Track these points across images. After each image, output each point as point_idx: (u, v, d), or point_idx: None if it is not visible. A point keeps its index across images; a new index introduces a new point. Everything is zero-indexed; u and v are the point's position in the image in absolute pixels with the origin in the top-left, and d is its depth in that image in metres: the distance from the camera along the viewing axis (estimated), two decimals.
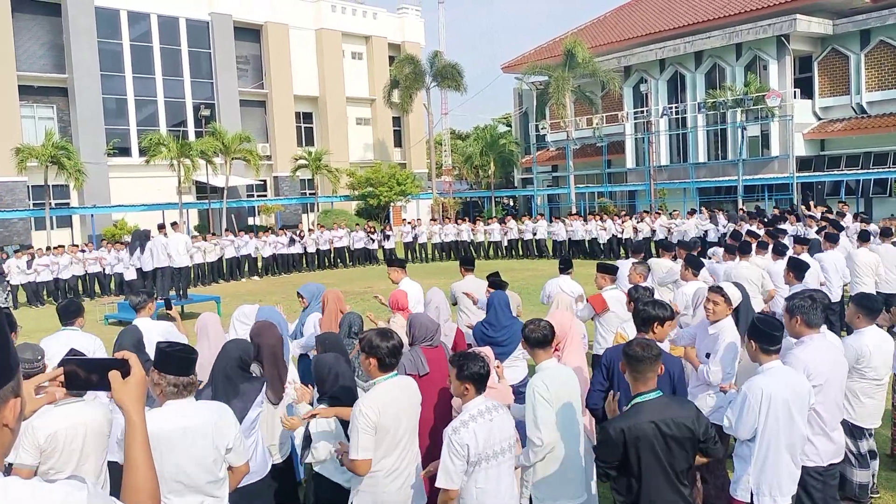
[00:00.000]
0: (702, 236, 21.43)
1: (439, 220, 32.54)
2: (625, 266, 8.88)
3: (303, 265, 25.63)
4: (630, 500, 3.76)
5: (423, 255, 27.40)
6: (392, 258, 9.33)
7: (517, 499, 4.30)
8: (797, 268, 7.71)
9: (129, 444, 1.88)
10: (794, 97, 32.02)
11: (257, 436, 4.47)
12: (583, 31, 42.11)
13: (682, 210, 27.52)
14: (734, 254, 9.71)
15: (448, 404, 5.09)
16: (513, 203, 48.26)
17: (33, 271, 20.32)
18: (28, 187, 33.58)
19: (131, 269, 19.96)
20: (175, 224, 18.28)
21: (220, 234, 26.00)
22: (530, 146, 43.03)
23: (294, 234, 25.64)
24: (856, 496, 5.43)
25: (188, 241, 18.33)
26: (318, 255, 26.11)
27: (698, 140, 35.08)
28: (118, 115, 37.33)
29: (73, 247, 22.92)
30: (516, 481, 4.31)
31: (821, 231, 13.65)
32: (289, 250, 25.01)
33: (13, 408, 1.50)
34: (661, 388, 3.84)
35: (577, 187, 37.73)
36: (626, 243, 24.21)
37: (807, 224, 16.68)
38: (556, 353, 5.59)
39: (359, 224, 30.45)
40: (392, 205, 37.98)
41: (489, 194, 42.78)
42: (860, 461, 5.41)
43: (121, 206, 33.82)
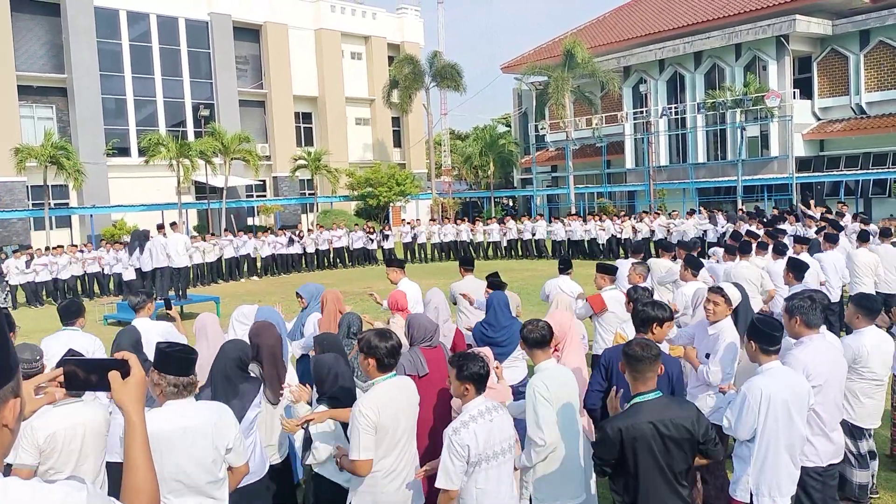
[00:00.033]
0: (701, 236, 21.47)
1: (438, 220, 32.52)
2: (624, 266, 8.89)
3: (302, 265, 25.62)
4: (628, 500, 3.76)
5: (423, 256, 27.40)
6: (391, 259, 9.31)
7: (516, 499, 4.30)
8: (796, 268, 7.71)
9: (129, 445, 1.88)
10: (794, 97, 32.02)
11: (255, 436, 4.47)
12: (582, 31, 42.10)
13: (681, 210, 27.51)
14: (734, 254, 9.71)
15: (447, 405, 5.08)
16: (512, 203, 48.25)
17: (32, 271, 20.30)
18: (27, 187, 33.58)
19: (130, 269, 19.96)
20: (174, 224, 18.27)
21: (219, 235, 25.99)
22: (530, 146, 43.02)
23: (293, 235, 25.64)
24: (855, 497, 5.43)
25: (187, 242, 18.31)
26: (317, 256, 26.12)
27: (697, 140, 35.08)
28: (117, 115, 37.33)
29: (71, 247, 22.91)
30: (515, 482, 4.30)
31: (820, 231, 13.66)
32: (288, 250, 25.01)
33: (13, 408, 1.50)
34: (660, 389, 3.83)
35: (576, 188, 37.75)
36: (625, 243, 24.25)
37: (806, 224, 16.68)
38: (555, 354, 5.59)
39: (357, 224, 30.43)
40: (391, 205, 37.98)
41: (488, 195, 42.79)
42: (860, 462, 5.41)
43: (120, 206, 33.82)
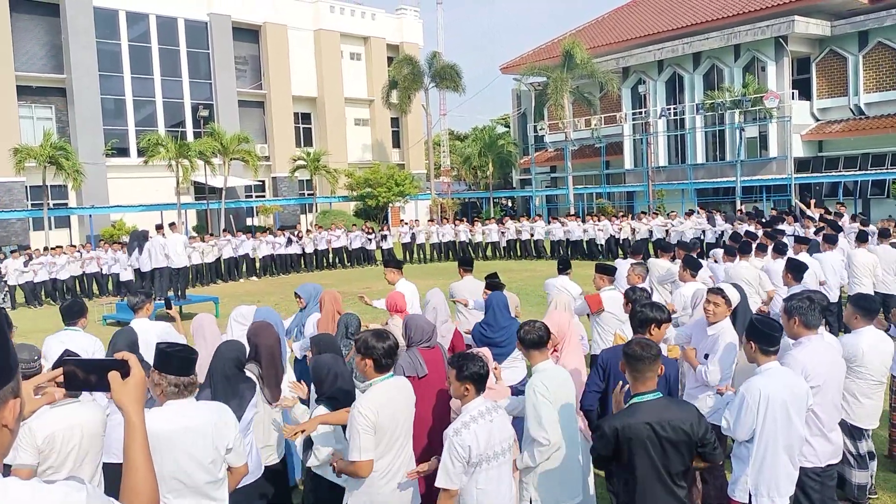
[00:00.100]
0: (699, 237, 21.47)
1: (437, 220, 32.52)
2: (623, 267, 8.91)
3: (301, 265, 25.61)
4: (625, 500, 3.76)
5: (422, 256, 27.39)
6: (388, 260, 9.27)
7: (515, 499, 4.30)
8: (795, 269, 7.71)
9: (129, 445, 1.88)
10: (792, 98, 32.04)
11: (251, 437, 4.47)
12: (581, 31, 42.09)
13: (680, 211, 27.52)
14: (733, 255, 9.73)
15: (446, 405, 5.08)
16: (511, 204, 48.25)
17: (30, 270, 20.28)
18: (26, 187, 33.56)
19: (128, 269, 19.96)
20: (173, 225, 18.26)
21: (218, 235, 25.98)
22: (529, 147, 43.03)
23: (292, 235, 25.63)
24: (854, 497, 5.43)
25: (185, 242, 18.30)
26: (315, 256, 26.11)
27: (696, 141, 35.09)
28: (116, 115, 37.30)
29: (70, 247, 22.90)
30: (515, 482, 4.30)
31: (819, 232, 13.67)
32: (287, 251, 25.01)
33: (12, 408, 1.50)
34: (657, 390, 3.83)
35: (575, 188, 37.76)
36: (623, 244, 24.26)
37: (804, 225, 16.68)
38: (554, 354, 5.59)
39: (355, 224, 30.43)
40: (390, 205, 37.98)
41: (487, 195, 42.79)
42: (859, 462, 5.42)
43: (119, 206, 33.79)
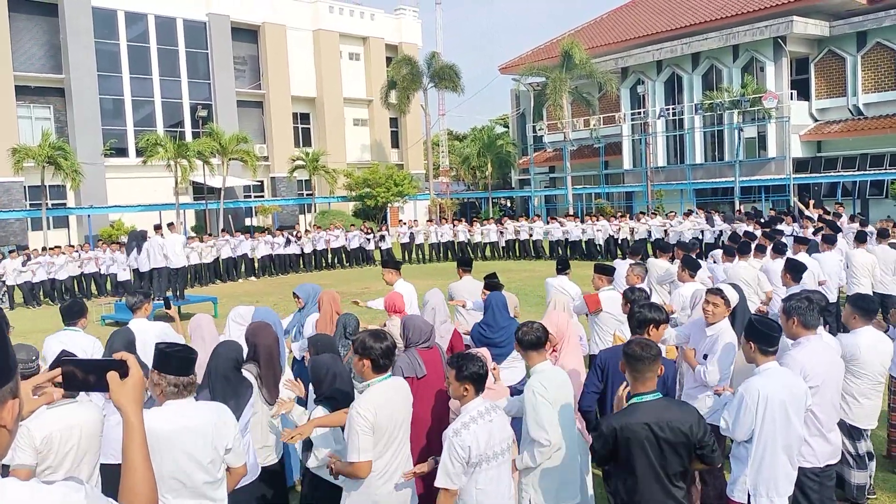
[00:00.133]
0: (698, 237, 21.48)
1: (436, 220, 32.51)
2: (622, 267, 8.91)
3: (299, 266, 25.59)
4: (623, 500, 3.77)
5: (420, 256, 27.38)
6: (386, 260, 9.24)
7: (514, 500, 4.30)
8: (794, 269, 7.71)
9: (127, 446, 1.87)
10: (791, 99, 32.06)
11: (248, 438, 4.47)
12: (580, 32, 42.11)
13: (678, 211, 27.53)
14: (732, 255, 9.74)
15: (444, 405, 5.08)
16: (510, 204, 48.26)
17: (28, 270, 20.25)
18: (25, 188, 33.52)
19: (126, 269, 19.95)
20: (171, 225, 18.26)
21: (216, 235, 25.97)
22: (527, 147, 43.04)
23: (290, 235, 25.62)
24: (853, 497, 5.44)
25: (183, 242, 18.28)
26: (314, 256, 26.10)
27: (695, 141, 35.11)
28: (115, 115, 37.27)
29: (69, 247, 22.88)
30: (513, 482, 4.30)
31: (817, 232, 13.68)
32: (285, 251, 25.00)
33: (11, 409, 1.50)
34: (657, 390, 3.83)
35: (574, 188, 37.78)
36: (622, 244, 24.27)
37: (803, 225, 16.69)
38: (553, 355, 5.59)
39: (354, 225, 30.42)
40: (389, 206, 37.98)
41: (486, 195, 42.79)
42: (858, 462, 5.42)
43: (117, 206, 33.77)
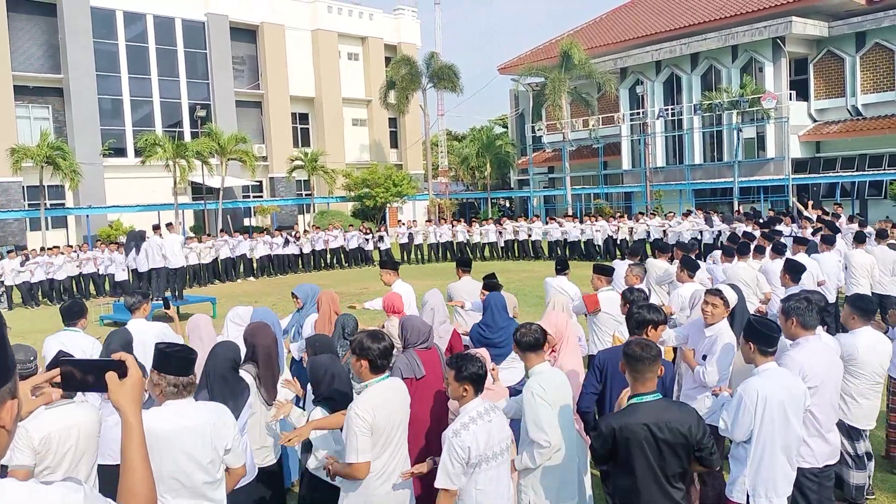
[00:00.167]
0: (697, 238, 21.48)
1: (435, 221, 32.50)
2: (621, 267, 8.91)
3: (298, 266, 25.58)
4: (621, 500, 3.77)
5: (419, 257, 27.38)
6: (384, 260, 9.21)
7: (513, 500, 4.30)
8: (793, 270, 7.72)
9: (126, 446, 1.87)
10: (790, 99, 32.08)
11: (246, 439, 4.47)
12: (579, 32, 42.13)
13: (677, 212, 27.54)
14: (731, 256, 9.75)
15: (443, 406, 5.07)
16: (509, 204, 48.25)
17: (27, 270, 20.23)
18: (23, 188, 33.48)
19: (124, 269, 19.93)
20: (170, 225, 18.23)
21: (215, 235, 25.95)
22: (526, 147, 43.04)
23: (289, 235, 25.61)
24: (852, 498, 5.44)
25: (182, 242, 18.26)
26: (313, 256, 26.09)
27: (694, 142, 35.13)
28: (114, 115, 37.24)
29: (67, 247, 22.85)
30: (512, 482, 4.30)
31: (816, 233, 13.69)
32: (284, 251, 24.99)
33: (10, 409, 1.50)
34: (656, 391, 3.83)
35: (573, 189, 37.76)
36: (621, 244, 24.27)
37: (802, 225, 16.70)
38: (552, 355, 5.59)
39: (352, 225, 30.41)
40: (388, 206, 37.96)
41: (485, 195, 42.77)
42: (857, 463, 5.42)
43: (116, 206, 33.73)
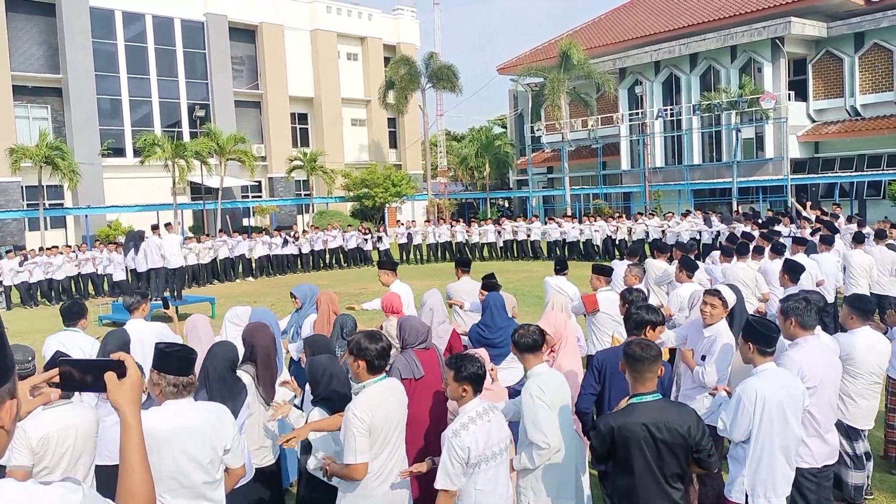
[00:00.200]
0: (696, 238, 21.49)
1: (434, 221, 32.50)
2: (620, 267, 8.90)
3: (297, 266, 25.57)
4: (620, 500, 3.77)
5: (418, 257, 27.37)
6: (382, 261, 9.22)
7: (512, 500, 4.30)
8: (792, 270, 7.72)
9: (125, 446, 1.87)
10: (789, 99, 32.11)
11: (243, 439, 4.46)
12: (578, 32, 42.14)
13: (676, 212, 27.55)
14: (730, 256, 9.74)
15: (442, 406, 5.07)
16: (508, 204, 48.25)
17: (25, 270, 20.21)
18: (22, 188, 33.45)
19: (122, 269, 19.91)
20: (169, 225, 18.22)
21: (214, 235, 25.94)
22: (525, 148, 43.04)
23: (288, 235, 25.59)
24: (851, 498, 5.44)
25: (181, 242, 18.25)
26: (312, 256, 26.07)
27: (693, 142, 35.14)
28: (112, 115, 37.22)
29: (66, 247, 22.83)
30: (512, 483, 4.30)
31: (815, 233, 13.69)
32: (283, 251, 24.98)
33: (9, 409, 1.50)
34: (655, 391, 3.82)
35: (572, 189, 37.77)
36: (620, 245, 24.28)
37: (801, 226, 16.72)
38: (551, 355, 5.59)
39: (351, 225, 30.40)
40: (387, 206, 37.95)
41: (484, 196, 42.77)
42: (856, 463, 5.43)
43: (115, 206, 33.72)
